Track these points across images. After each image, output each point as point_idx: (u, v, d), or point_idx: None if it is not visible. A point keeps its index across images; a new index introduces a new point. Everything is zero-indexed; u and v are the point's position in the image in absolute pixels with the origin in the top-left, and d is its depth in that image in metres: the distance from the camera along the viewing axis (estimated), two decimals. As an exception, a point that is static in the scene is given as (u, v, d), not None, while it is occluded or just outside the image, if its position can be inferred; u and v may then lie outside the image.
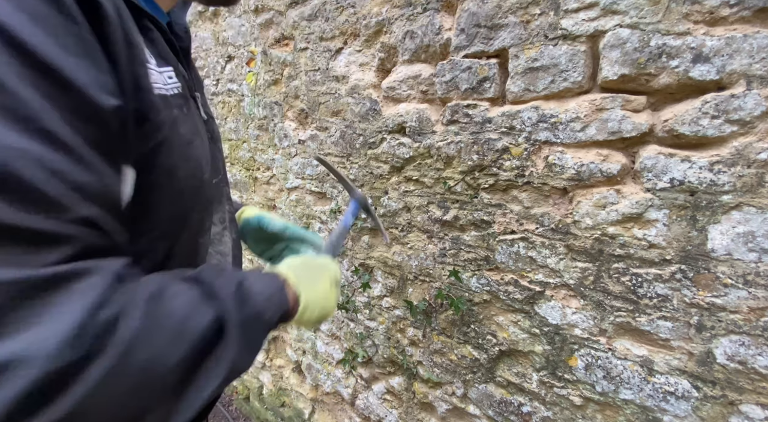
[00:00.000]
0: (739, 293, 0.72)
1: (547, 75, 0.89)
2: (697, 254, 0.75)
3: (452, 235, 1.14)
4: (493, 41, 0.97)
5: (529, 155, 0.95)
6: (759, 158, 0.68)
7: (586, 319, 0.90)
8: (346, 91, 1.37)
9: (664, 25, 0.74)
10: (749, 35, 0.67)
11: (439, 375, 1.23)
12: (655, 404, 0.82)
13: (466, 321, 1.14)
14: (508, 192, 1.00)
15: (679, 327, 0.78)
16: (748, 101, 0.68)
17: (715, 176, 0.72)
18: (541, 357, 0.99)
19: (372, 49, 1.28)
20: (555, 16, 0.86)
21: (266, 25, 1.65)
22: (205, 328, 0.36)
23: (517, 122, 0.95)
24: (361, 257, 1.44)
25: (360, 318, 1.48)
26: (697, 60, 0.71)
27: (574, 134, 0.87)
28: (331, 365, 1.66)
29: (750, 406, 0.72)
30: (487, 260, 1.06)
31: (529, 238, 0.97)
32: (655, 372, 0.82)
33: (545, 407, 0.99)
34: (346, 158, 1.42)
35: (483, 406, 1.13)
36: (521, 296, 1.00)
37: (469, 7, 1.00)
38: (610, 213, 0.84)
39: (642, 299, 0.82)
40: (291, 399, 1.90)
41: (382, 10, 1.21)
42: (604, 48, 0.81)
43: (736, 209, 0.71)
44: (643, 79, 0.77)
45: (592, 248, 0.87)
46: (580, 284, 0.90)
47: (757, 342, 0.71)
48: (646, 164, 0.79)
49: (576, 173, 0.87)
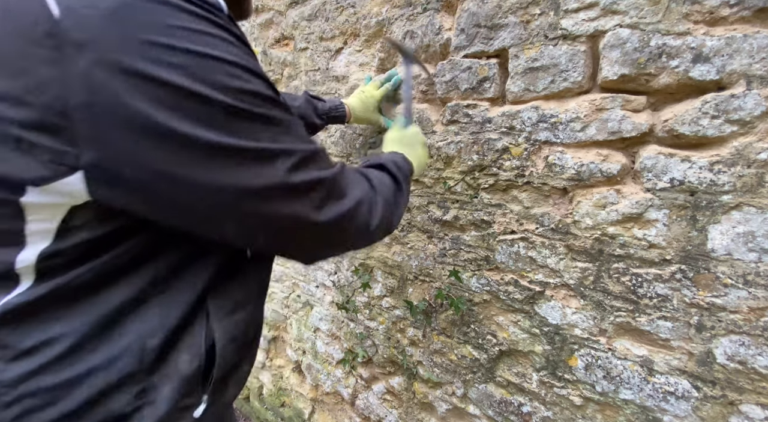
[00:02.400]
0: (739, 293, 0.72)
1: (547, 75, 0.89)
2: (697, 254, 0.75)
3: (452, 235, 1.14)
4: (493, 41, 0.97)
5: (529, 155, 0.95)
6: (759, 158, 0.68)
7: (586, 319, 0.90)
8: (347, 91, 1.37)
9: (664, 25, 0.74)
10: (749, 35, 0.67)
11: (439, 375, 1.23)
12: (655, 404, 0.82)
13: (466, 320, 1.14)
14: (508, 192, 1.00)
15: (679, 327, 0.78)
16: (748, 101, 0.68)
17: (715, 176, 0.72)
18: (541, 357, 0.99)
19: (372, 49, 1.28)
20: (555, 16, 0.86)
21: (266, 25, 1.65)
22: (392, 183, 0.72)
23: (517, 122, 0.95)
24: (361, 257, 1.44)
25: (360, 317, 1.48)
26: (697, 60, 0.71)
27: (574, 134, 0.87)
28: (331, 365, 1.66)
29: (750, 406, 0.72)
30: (487, 260, 1.06)
31: (529, 238, 0.97)
32: (655, 372, 0.82)
33: (545, 407, 0.99)
34: (346, 158, 1.42)
35: (483, 406, 1.13)
36: (521, 296, 1.00)
37: (469, 7, 1.00)
38: (610, 213, 0.84)
39: (642, 299, 0.82)
40: (291, 399, 1.91)
41: (382, 10, 1.21)
42: (604, 48, 0.81)
43: (736, 209, 0.71)
44: (643, 79, 0.77)
45: (592, 248, 0.87)
46: (580, 284, 0.90)
47: (757, 342, 0.71)
48: (646, 164, 0.79)
49: (576, 173, 0.87)
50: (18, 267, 0.42)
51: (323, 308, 1.66)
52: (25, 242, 0.41)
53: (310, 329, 1.74)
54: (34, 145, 0.37)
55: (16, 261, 0.42)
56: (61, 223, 0.41)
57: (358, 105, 1.16)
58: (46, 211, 0.40)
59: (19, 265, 0.42)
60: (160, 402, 0.48)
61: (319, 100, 1.14)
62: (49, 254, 0.42)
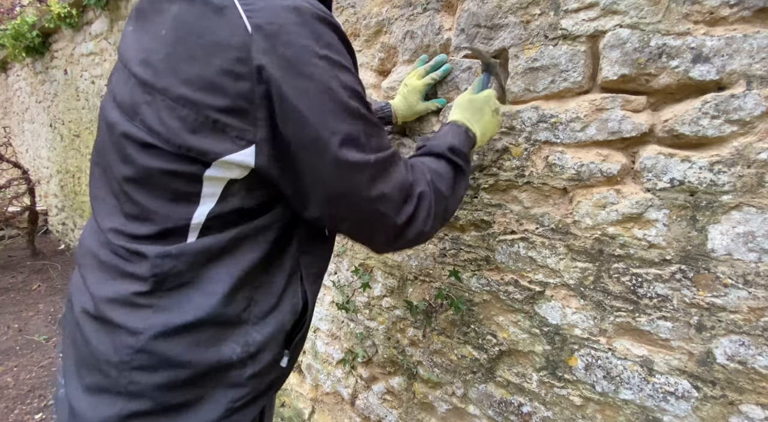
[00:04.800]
0: (739, 293, 0.72)
1: (547, 75, 0.89)
2: (697, 254, 0.75)
3: (452, 235, 1.14)
4: (493, 41, 0.97)
5: (529, 155, 0.95)
6: (759, 158, 0.68)
7: (586, 319, 0.90)
8: (346, 91, 1.37)
9: (664, 25, 0.74)
10: (749, 35, 0.67)
11: (439, 375, 1.23)
12: (655, 404, 0.82)
13: (466, 321, 1.14)
14: (508, 192, 1.00)
15: (679, 327, 0.78)
16: (748, 101, 0.68)
17: (715, 176, 0.72)
18: (541, 357, 0.99)
19: (372, 49, 1.28)
20: (555, 16, 0.86)
21: (266, 25, 1.64)
22: (450, 171, 0.76)
23: (517, 122, 0.95)
24: (361, 257, 1.44)
25: (360, 318, 1.48)
26: (697, 60, 0.71)
27: (574, 134, 0.87)
28: (331, 365, 1.66)
29: (750, 406, 0.72)
30: (487, 260, 1.06)
31: (529, 238, 0.97)
32: (655, 372, 0.82)
33: (545, 407, 0.99)
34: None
35: (483, 406, 1.13)
36: (521, 296, 1.00)
37: (469, 7, 1.00)
38: (610, 213, 0.84)
39: (642, 299, 0.82)
40: (291, 399, 1.90)
41: (382, 10, 1.21)
42: (604, 48, 0.81)
43: (736, 209, 0.71)
44: (643, 79, 0.77)
45: (592, 248, 0.87)
46: (580, 284, 0.90)
47: (757, 342, 0.71)
48: (646, 164, 0.79)
49: (576, 173, 0.87)
50: (193, 223, 0.58)
51: (323, 308, 1.66)
52: (199, 202, 0.58)
53: (310, 329, 1.74)
54: (227, 125, 0.54)
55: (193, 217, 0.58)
56: (223, 190, 0.57)
57: (401, 104, 1.11)
58: (217, 180, 0.57)
59: (195, 220, 0.58)
60: (263, 353, 0.63)
61: None
62: (215, 216, 0.58)
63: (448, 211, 0.75)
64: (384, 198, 0.61)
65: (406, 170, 0.65)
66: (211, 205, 0.57)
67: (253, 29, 0.51)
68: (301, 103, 0.53)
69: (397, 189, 0.62)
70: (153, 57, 0.56)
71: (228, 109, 0.53)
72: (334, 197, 0.59)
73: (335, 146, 0.55)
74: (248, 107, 0.53)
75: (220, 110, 0.53)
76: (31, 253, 4.59)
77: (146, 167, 0.56)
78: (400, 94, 1.12)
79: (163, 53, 0.55)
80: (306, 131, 0.54)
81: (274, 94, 0.52)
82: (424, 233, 0.68)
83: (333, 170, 0.56)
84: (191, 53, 0.53)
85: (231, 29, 0.52)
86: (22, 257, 4.58)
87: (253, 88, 0.52)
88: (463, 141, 0.80)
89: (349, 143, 0.56)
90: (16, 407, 2.28)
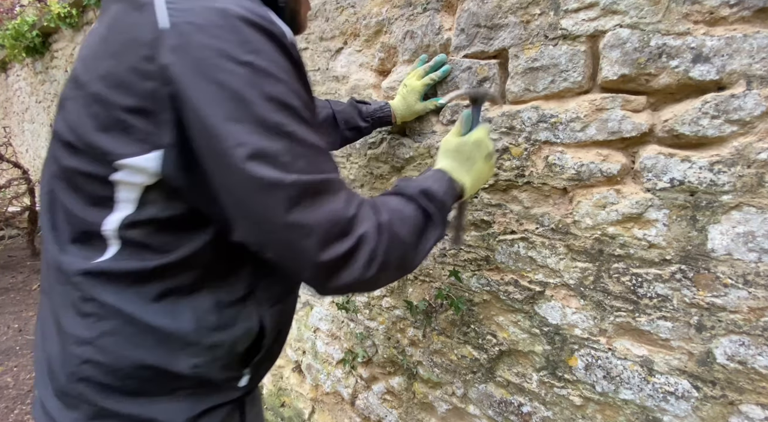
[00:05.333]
0: (739, 293, 0.72)
1: (547, 75, 0.89)
2: (697, 254, 0.75)
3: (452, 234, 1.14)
4: (493, 41, 0.97)
5: (529, 155, 0.95)
6: (759, 158, 0.68)
7: (586, 319, 0.90)
8: (346, 91, 1.37)
9: (664, 25, 0.74)
10: (749, 35, 0.67)
11: (439, 375, 1.23)
12: (655, 404, 0.82)
13: (466, 321, 1.14)
14: (508, 192, 1.00)
15: (679, 327, 0.78)
16: (748, 101, 0.68)
17: (715, 176, 0.72)
18: (541, 357, 0.99)
19: (372, 49, 1.28)
20: (555, 16, 0.86)
21: (266, 25, 1.64)
22: (419, 216, 0.65)
23: (517, 122, 0.95)
24: (361, 257, 1.43)
25: (360, 318, 1.48)
26: (697, 60, 0.71)
27: (574, 134, 0.87)
28: (331, 365, 1.66)
29: (750, 406, 0.72)
30: (487, 260, 1.06)
31: (529, 238, 0.97)
32: (655, 372, 0.82)
33: (545, 407, 0.99)
34: (346, 158, 1.42)
35: (483, 406, 1.13)
36: (521, 296, 1.00)
37: (469, 7, 1.00)
38: (610, 213, 0.84)
39: (642, 299, 0.82)
40: (291, 399, 1.91)
41: (382, 10, 1.21)
42: (604, 48, 0.81)
43: (736, 209, 0.71)
44: (643, 79, 0.77)
45: (592, 248, 0.87)
46: (580, 284, 0.90)
47: (757, 342, 0.71)
48: (646, 164, 0.79)
49: (576, 173, 0.87)
50: (107, 229, 0.55)
51: (323, 308, 1.66)
52: (113, 207, 0.55)
53: (310, 329, 1.74)
54: (132, 126, 0.51)
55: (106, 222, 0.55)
56: (141, 196, 0.54)
57: (400, 104, 1.12)
58: (130, 185, 0.53)
59: (108, 226, 0.55)
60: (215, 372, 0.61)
61: (365, 103, 1.13)
62: (130, 222, 0.54)
63: (407, 261, 0.63)
64: (302, 229, 0.50)
65: (346, 204, 0.55)
66: (127, 211, 0.54)
67: (168, 26, 0.48)
68: (204, 110, 0.48)
69: (324, 221, 0.52)
70: (86, 53, 0.56)
71: (134, 109, 0.50)
72: (248, 218, 0.52)
73: (240, 159, 0.48)
74: (154, 108, 0.50)
75: (127, 109, 0.50)
76: (31, 253, 4.59)
77: (67, 166, 0.55)
78: (400, 94, 1.12)
79: (93, 50, 0.55)
80: (209, 141, 0.49)
81: (179, 98, 0.49)
82: (364, 280, 0.56)
83: (242, 187, 0.49)
84: (111, 50, 0.52)
85: (146, 26, 0.49)
86: (22, 257, 4.59)
87: (159, 88, 0.49)
88: (445, 189, 0.70)
89: (260, 158, 0.49)
90: (16, 407, 2.29)
